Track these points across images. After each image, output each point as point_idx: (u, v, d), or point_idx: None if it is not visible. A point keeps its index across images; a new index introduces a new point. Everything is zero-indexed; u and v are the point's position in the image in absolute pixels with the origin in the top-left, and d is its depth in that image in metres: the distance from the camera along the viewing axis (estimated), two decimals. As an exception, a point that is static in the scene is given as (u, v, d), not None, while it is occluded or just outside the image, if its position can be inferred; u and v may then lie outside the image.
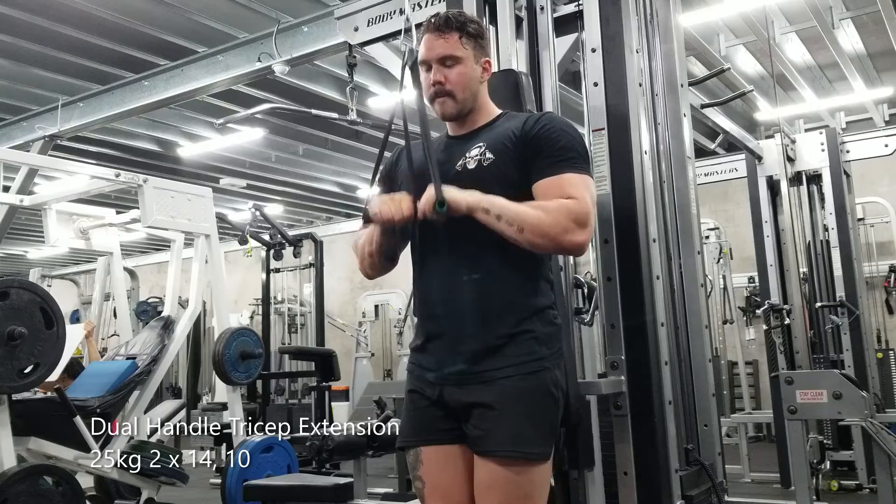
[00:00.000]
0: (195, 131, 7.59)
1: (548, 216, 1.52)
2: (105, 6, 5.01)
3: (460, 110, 1.70)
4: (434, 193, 1.50)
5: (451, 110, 1.69)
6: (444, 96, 1.67)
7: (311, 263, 7.89)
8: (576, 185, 1.57)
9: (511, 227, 1.51)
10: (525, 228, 1.51)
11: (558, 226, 1.52)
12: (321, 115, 4.52)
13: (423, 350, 1.69)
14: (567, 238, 1.53)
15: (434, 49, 1.67)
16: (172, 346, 4.49)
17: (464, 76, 1.67)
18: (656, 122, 2.43)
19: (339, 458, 3.81)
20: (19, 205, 5.27)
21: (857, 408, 2.55)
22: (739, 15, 5.54)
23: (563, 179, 1.58)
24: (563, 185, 1.57)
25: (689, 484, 2.14)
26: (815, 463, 4.56)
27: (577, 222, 1.52)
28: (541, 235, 1.52)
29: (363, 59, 4.97)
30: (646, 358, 2.01)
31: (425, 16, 2.65)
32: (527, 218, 1.52)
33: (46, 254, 10.49)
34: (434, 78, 1.67)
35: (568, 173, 1.58)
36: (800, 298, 4.39)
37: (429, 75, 1.67)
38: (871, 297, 7.24)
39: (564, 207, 1.53)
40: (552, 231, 1.52)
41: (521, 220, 1.51)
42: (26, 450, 3.66)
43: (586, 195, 1.57)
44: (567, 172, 1.58)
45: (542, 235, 1.52)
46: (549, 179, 1.59)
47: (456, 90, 1.67)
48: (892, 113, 7.88)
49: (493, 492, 1.55)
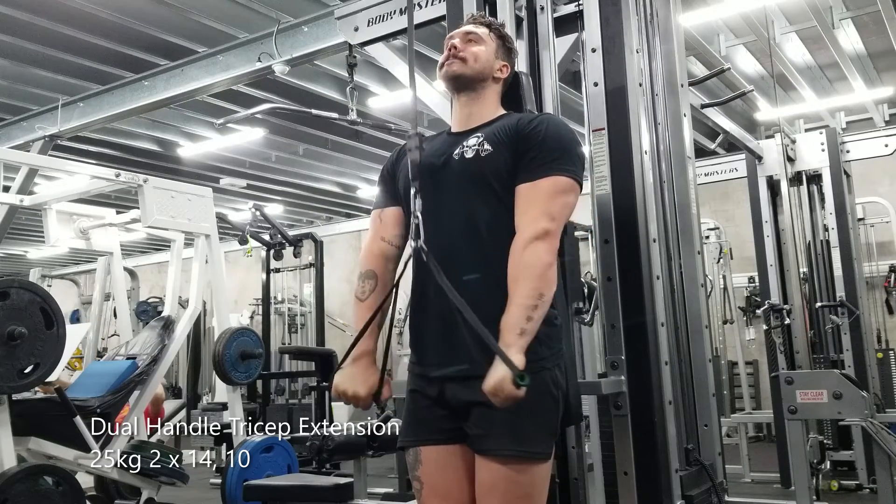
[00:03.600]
0: (195, 131, 7.59)
1: (536, 284, 1.52)
2: (105, 6, 5.01)
3: (463, 75, 1.74)
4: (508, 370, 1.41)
5: (456, 70, 1.73)
6: (455, 59, 1.74)
7: (311, 263, 7.88)
8: (543, 197, 1.58)
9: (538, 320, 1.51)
10: (540, 307, 1.51)
11: (544, 281, 1.53)
12: (321, 115, 4.52)
13: (423, 349, 1.70)
14: (551, 275, 1.55)
15: (462, 28, 1.81)
16: (172, 346, 4.48)
17: (480, 53, 1.75)
18: (656, 122, 2.43)
19: (339, 458, 3.81)
20: (19, 205, 5.26)
21: (857, 408, 2.55)
22: (739, 15, 5.54)
23: (537, 188, 1.59)
24: (534, 197, 1.58)
25: (689, 484, 2.14)
26: (816, 463, 4.58)
27: (545, 261, 1.53)
28: (547, 298, 1.53)
29: (363, 59, 4.97)
30: (646, 358, 2.01)
31: (426, 16, 2.67)
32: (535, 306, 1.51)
33: (46, 254, 10.51)
34: (452, 42, 1.76)
35: (546, 178, 1.59)
36: (800, 298, 4.39)
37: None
38: (871, 297, 7.24)
39: (529, 265, 1.53)
40: (547, 290, 1.53)
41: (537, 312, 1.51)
42: (26, 450, 3.66)
43: (552, 206, 1.57)
44: (546, 177, 1.59)
45: (547, 297, 1.53)
46: (526, 186, 1.60)
47: (468, 57, 1.74)
48: (892, 113, 7.88)
49: (493, 491, 1.55)
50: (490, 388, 1.44)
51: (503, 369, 1.42)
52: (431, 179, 1.67)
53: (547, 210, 1.57)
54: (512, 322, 1.49)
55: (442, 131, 1.84)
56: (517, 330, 1.48)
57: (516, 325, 1.49)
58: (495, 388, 1.43)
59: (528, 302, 1.50)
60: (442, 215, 1.64)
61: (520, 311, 1.50)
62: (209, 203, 4.88)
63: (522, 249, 1.54)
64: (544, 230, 1.55)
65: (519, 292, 1.51)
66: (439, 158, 1.70)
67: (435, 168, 1.68)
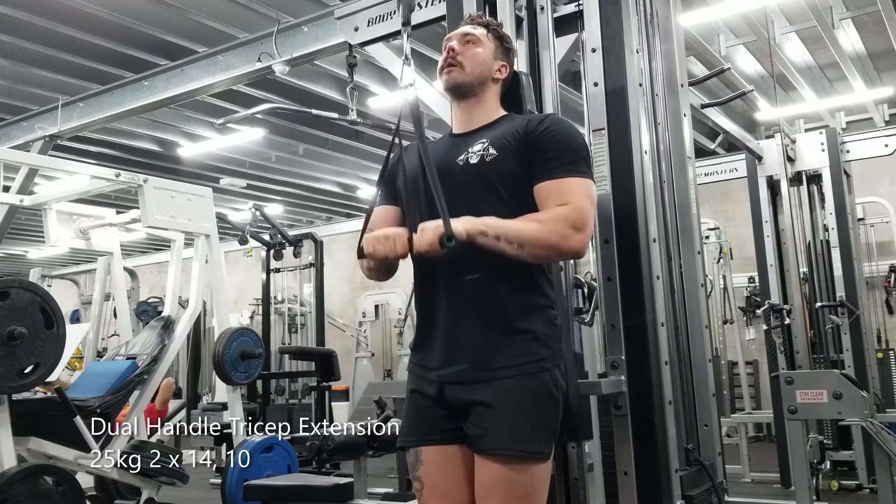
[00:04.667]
0: (195, 131, 7.59)
1: (545, 227, 1.53)
2: (105, 6, 5.01)
3: (463, 83, 1.73)
4: (441, 226, 1.45)
5: (455, 78, 1.73)
6: (454, 65, 1.73)
7: (311, 263, 7.89)
8: (574, 191, 1.58)
9: (511, 244, 1.52)
10: (525, 244, 1.52)
11: (556, 234, 1.53)
12: (321, 115, 4.53)
13: (423, 349, 1.70)
14: (566, 244, 1.54)
15: (460, 30, 1.80)
16: (172, 346, 4.48)
17: (478, 55, 1.75)
18: (656, 122, 2.43)
19: (339, 458, 3.81)
20: (19, 205, 5.27)
21: (857, 408, 2.55)
22: (739, 15, 5.54)
23: (562, 184, 1.59)
24: (563, 191, 1.58)
25: (689, 484, 2.14)
26: (815, 463, 4.57)
27: (575, 227, 1.53)
28: (541, 247, 1.54)
29: (363, 59, 4.97)
30: (646, 358, 2.01)
31: (425, 16, 2.67)
32: (525, 233, 1.52)
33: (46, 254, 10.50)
34: (450, 45, 1.75)
35: (568, 177, 1.60)
36: (800, 298, 4.39)
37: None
38: (871, 297, 7.24)
39: (560, 215, 1.54)
40: (551, 240, 1.53)
41: (519, 237, 1.52)
42: (26, 450, 3.66)
43: (585, 199, 1.58)
44: (567, 176, 1.60)
45: (542, 247, 1.54)
46: (549, 183, 1.60)
47: (466, 62, 1.73)
48: (892, 113, 7.88)
49: (493, 491, 1.55)
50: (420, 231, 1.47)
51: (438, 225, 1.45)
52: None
53: (579, 202, 1.57)
54: (487, 220, 1.52)
55: (444, 135, 1.84)
56: (483, 221, 1.51)
57: (487, 221, 1.52)
58: (424, 229, 1.47)
59: (512, 231, 1.51)
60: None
61: (500, 224, 1.52)
62: (209, 203, 4.88)
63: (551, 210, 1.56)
64: (567, 201, 1.56)
65: (515, 222, 1.53)
66: (443, 163, 1.68)
67: (439, 173, 1.68)
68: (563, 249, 1.56)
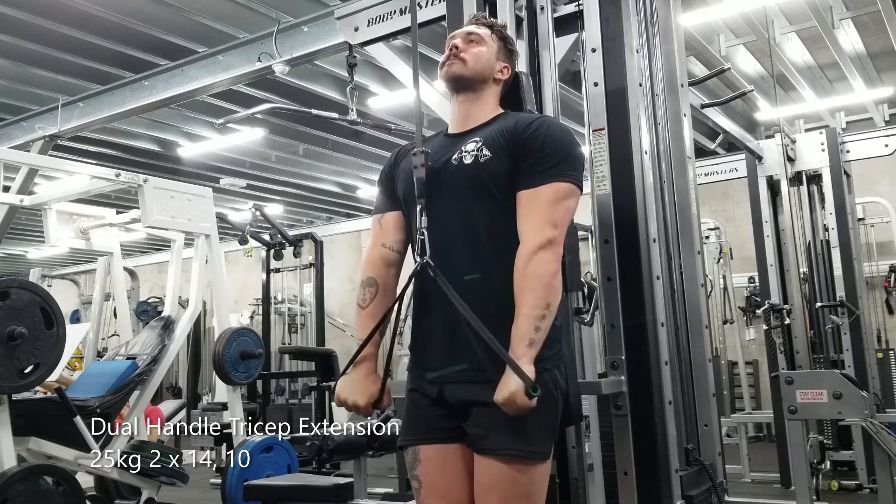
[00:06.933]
0: (195, 131, 7.59)
1: (539, 292, 1.53)
2: (105, 6, 5.01)
3: (463, 75, 1.74)
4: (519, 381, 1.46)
5: (456, 70, 1.74)
6: (455, 59, 1.75)
7: (312, 263, 7.89)
8: (540, 207, 1.58)
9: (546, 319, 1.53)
10: (548, 313, 1.53)
11: (551, 288, 1.54)
12: (321, 115, 4.52)
13: (423, 349, 1.70)
14: (557, 280, 1.55)
15: (464, 28, 1.83)
16: (172, 346, 4.48)
17: (481, 54, 1.76)
18: (656, 122, 2.43)
19: (339, 458, 3.80)
20: (19, 205, 5.26)
21: (857, 408, 2.55)
22: (739, 15, 5.54)
23: (533, 197, 1.60)
24: (531, 205, 1.59)
25: (689, 484, 2.14)
26: (815, 463, 4.58)
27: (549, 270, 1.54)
28: (553, 300, 1.54)
29: (363, 59, 4.97)
30: (646, 358, 2.01)
31: (426, 16, 2.67)
32: (540, 309, 1.52)
33: (46, 254, 10.51)
34: (453, 42, 1.77)
35: (544, 184, 1.59)
36: (800, 298, 4.39)
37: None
38: (871, 297, 7.24)
39: (538, 271, 1.54)
40: (550, 293, 1.54)
41: (542, 316, 1.52)
42: (26, 450, 3.66)
43: (552, 213, 1.57)
44: (543, 183, 1.60)
45: (553, 298, 1.54)
46: (522, 193, 1.61)
47: (468, 58, 1.75)
48: (892, 113, 7.88)
49: (492, 491, 1.55)
50: (503, 399, 1.48)
51: (516, 381, 1.46)
52: (430, 184, 1.66)
53: (549, 218, 1.57)
54: (521, 333, 1.51)
55: (440, 131, 1.84)
56: (526, 341, 1.50)
57: (525, 336, 1.51)
58: (508, 399, 1.47)
59: (535, 312, 1.52)
60: (441, 219, 1.63)
61: (528, 322, 1.51)
62: (209, 203, 4.88)
63: (528, 260, 1.55)
64: (548, 239, 1.56)
65: (526, 303, 1.53)
66: (438, 163, 1.69)
67: (433, 172, 1.68)
68: (557, 289, 1.56)
